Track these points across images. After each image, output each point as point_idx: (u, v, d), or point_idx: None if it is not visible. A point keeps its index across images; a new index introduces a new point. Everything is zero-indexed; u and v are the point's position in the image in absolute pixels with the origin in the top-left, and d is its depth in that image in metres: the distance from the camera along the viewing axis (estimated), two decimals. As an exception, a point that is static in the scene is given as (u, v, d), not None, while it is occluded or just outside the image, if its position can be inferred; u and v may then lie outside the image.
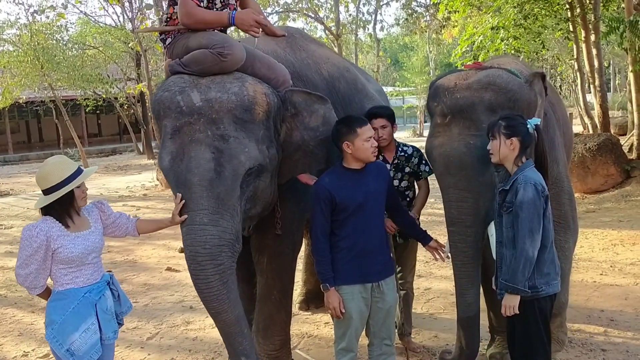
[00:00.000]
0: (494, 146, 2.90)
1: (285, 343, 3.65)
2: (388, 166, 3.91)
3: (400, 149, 3.94)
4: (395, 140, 3.96)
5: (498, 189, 2.98)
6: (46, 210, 2.76)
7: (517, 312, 2.87)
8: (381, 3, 21.93)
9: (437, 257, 3.42)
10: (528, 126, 2.89)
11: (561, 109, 4.11)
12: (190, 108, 2.80)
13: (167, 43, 3.18)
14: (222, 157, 2.75)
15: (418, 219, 3.92)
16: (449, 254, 3.28)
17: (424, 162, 3.91)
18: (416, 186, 4.03)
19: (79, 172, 2.76)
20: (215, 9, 3.12)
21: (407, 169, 3.92)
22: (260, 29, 3.10)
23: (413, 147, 4.01)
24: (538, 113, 3.07)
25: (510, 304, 2.88)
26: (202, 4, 3.05)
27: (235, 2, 3.27)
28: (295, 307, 4.99)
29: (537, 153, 2.94)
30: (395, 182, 3.89)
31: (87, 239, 2.79)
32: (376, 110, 3.88)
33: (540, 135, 2.92)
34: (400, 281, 4.05)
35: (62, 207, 2.74)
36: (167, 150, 2.83)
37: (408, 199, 3.97)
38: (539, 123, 2.91)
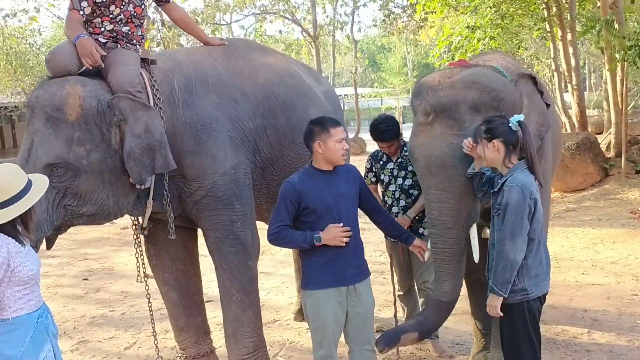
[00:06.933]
0: (479, 151, 2.87)
1: (258, 346, 3.56)
2: (391, 164, 4.01)
3: (405, 148, 3.94)
4: (401, 140, 4.00)
5: (492, 190, 2.93)
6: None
7: (500, 313, 2.85)
8: (358, 4, 21.99)
9: (420, 256, 3.37)
10: (510, 124, 2.82)
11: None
12: (30, 103, 3.14)
13: None
14: (32, 148, 3.01)
15: (414, 219, 3.91)
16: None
17: None
18: None
19: (30, 181, 2.47)
20: (111, 16, 3.33)
21: (411, 167, 3.89)
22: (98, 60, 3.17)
23: None
24: (526, 114, 3.00)
25: (492, 303, 2.86)
26: (81, 12, 3.26)
27: (135, 8, 3.37)
28: (290, 316, 5.04)
29: (521, 151, 2.88)
30: (399, 180, 3.97)
31: (34, 254, 2.52)
32: (379, 135, 3.96)
33: (526, 133, 2.84)
34: (419, 282, 4.12)
35: (28, 219, 2.45)
36: None
37: (413, 197, 3.95)
38: (522, 119, 2.84)
